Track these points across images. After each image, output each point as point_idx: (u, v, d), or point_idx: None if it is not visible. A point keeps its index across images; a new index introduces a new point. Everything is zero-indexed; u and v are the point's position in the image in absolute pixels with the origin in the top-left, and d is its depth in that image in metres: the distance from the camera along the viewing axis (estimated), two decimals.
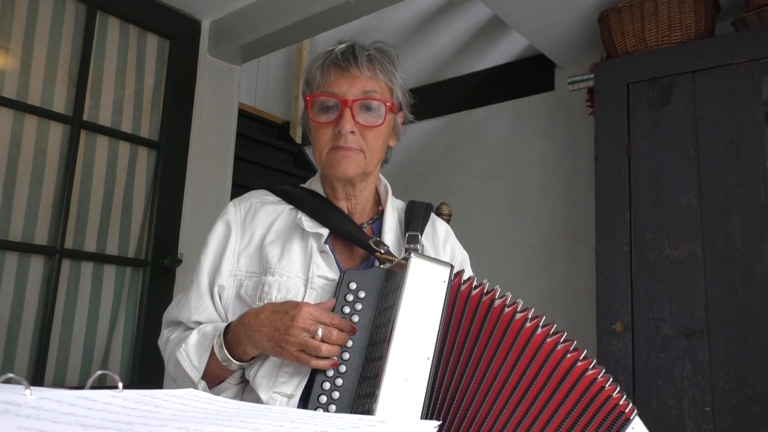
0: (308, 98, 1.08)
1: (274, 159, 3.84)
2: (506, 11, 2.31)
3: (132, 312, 2.44)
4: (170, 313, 1.12)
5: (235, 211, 1.12)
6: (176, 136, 2.60)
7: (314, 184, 1.18)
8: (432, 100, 3.19)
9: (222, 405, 0.56)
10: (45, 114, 2.25)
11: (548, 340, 0.90)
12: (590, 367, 0.91)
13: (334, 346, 0.90)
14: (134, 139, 2.49)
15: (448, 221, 1.68)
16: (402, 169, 3.20)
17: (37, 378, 2.15)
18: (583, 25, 2.35)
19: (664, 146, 1.93)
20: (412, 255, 0.88)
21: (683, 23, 1.99)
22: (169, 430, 0.41)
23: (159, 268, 2.48)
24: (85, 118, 2.34)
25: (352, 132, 1.04)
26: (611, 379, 0.91)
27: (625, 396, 0.91)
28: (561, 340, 0.90)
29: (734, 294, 1.74)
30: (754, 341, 1.68)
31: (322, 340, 0.89)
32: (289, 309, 0.92)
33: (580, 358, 0.90)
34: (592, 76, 2.19)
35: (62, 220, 2.24)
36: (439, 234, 1.20)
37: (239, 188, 2.71)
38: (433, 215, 1.22)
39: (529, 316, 0.91)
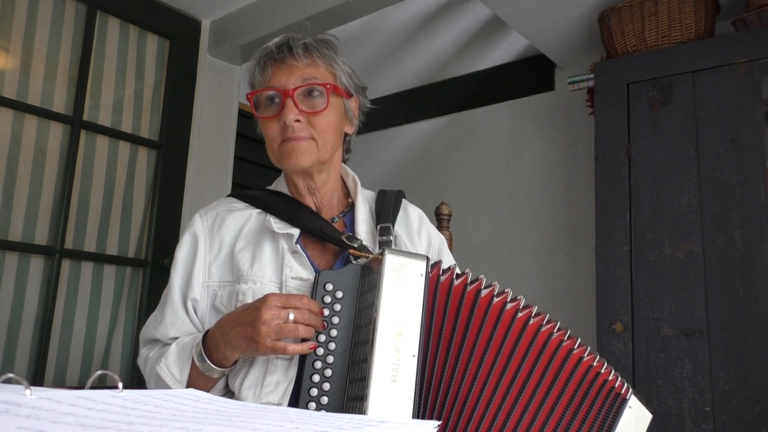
0: (249, 97, 1.07)
1: None
2: (506, 11, 2.31)
3: (132, 312, 2.44)
4: (147, 331, 1.10)
5: (201, 221, 1.10)
6: (176, 136, 2.60)
7: (279, 185, 1.16)
8: (432, 100, 3.19)
9: (222, 405, 0.56)
10: (45, 114, 2.25)
11: (542, 329, 0.90)
12: (585, 354, 0.92)
13: (310, 327, 0.89)
14: (134, 139, 2.49)
15: (447, 221, 1.68)
16: (402, 169, 3.20)
17: (37, 378, 2.15)
18: (583, 25, 2.35)
19: (664, 146, 1.93)
20: (386, 252, 0.87)
21: (683, 23, 1.99)
22: (169, 430, 0.41)
23: (159, 268, 2.48)
24: (85, 118, 2.34)
25: (298, 120, 1.02)
26: (605, 363, 0.93)
27: (619, 377, 0.93)
28: (555, 330, 0.91)
29: (734, 294, 1.74)
30: (754, 341, 1.68)
31: (295, 323, 0.88)
32: (254, 303, 0.91)
33: (575, 346, 0.91)
34: (592, 76, 2.19)
35: (62, 220, 2.24)
36: (412, 221, 1.17)
37: (239, 188, 2.71)
38: (405, 202, 1.20)
39: (520, 306, 0.90)
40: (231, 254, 1.05)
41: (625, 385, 0.93)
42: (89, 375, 2.31)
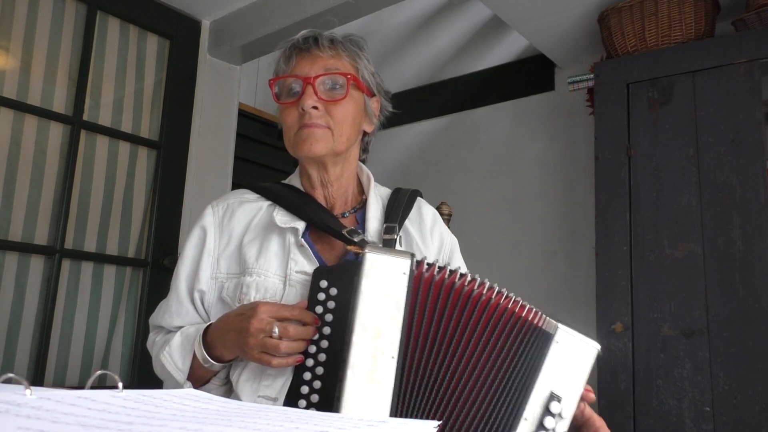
0: (271, 82, 1.08)
1: (274, 159, 3.84)
2: (506, 11, 2.31)
3: (132, 312, 2.44)
4: (154, 318, 1.12)
5: (212, 212, 1.11)
6: (176, 136, 2.60)
7: (293, 180, 1.17)
8: (432, 100, 3.19)
9: (222, 405, 0.56)
10: (45, 114, 2.25)
11: (522, 313, 0.87)
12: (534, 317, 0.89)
13: (297, 341, 0.87)
14: (134, 139, 2.49)
15: (448, 221, 1.68)
16: (402, 169, 3.20)
17: (37, 378, 2.15)
18: (583, 25, 2.35)
19: (664, 146, 1.93)
20: (366, 250, 0.84)
21: (683, 23, 1.99)
22: (169, 430, 0.41)
23: (159, 268, 2.48)
24: (85, 118, 2.34)
25: (316, 108, 1.02)
26: (546, 317, 0.89)
27: (545, 316, 0.89)
28: (530, 311, 0.88)
29: (734, 294, 1.74)
30: (754, 341, 1.68)
31: (280, 337, 0.87)
32: (246, 310, 0.91)
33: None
34: (592, 76, 2.19)
35: (62, 220, 2.24)
36: (426, 221, 1.17)
37: (239, 188, 2.71)
38: (419, 200, 1.19)
39: (495, 293, 0.87)
40: (239, 246, 1.06)
41: (549, 320, 0.88)
42: (89, 375, 2.31)
